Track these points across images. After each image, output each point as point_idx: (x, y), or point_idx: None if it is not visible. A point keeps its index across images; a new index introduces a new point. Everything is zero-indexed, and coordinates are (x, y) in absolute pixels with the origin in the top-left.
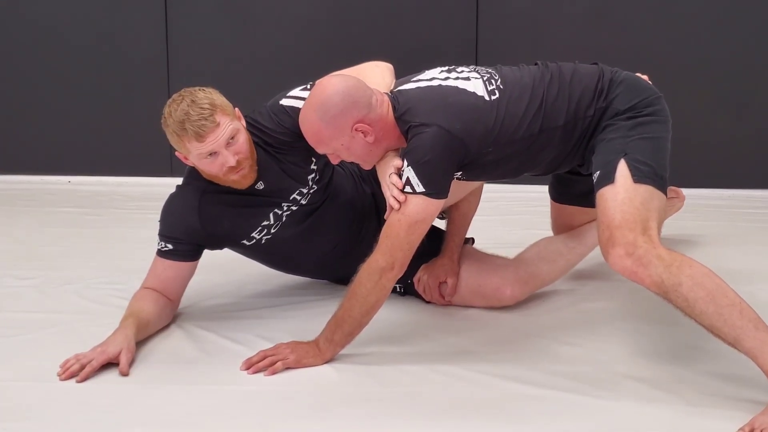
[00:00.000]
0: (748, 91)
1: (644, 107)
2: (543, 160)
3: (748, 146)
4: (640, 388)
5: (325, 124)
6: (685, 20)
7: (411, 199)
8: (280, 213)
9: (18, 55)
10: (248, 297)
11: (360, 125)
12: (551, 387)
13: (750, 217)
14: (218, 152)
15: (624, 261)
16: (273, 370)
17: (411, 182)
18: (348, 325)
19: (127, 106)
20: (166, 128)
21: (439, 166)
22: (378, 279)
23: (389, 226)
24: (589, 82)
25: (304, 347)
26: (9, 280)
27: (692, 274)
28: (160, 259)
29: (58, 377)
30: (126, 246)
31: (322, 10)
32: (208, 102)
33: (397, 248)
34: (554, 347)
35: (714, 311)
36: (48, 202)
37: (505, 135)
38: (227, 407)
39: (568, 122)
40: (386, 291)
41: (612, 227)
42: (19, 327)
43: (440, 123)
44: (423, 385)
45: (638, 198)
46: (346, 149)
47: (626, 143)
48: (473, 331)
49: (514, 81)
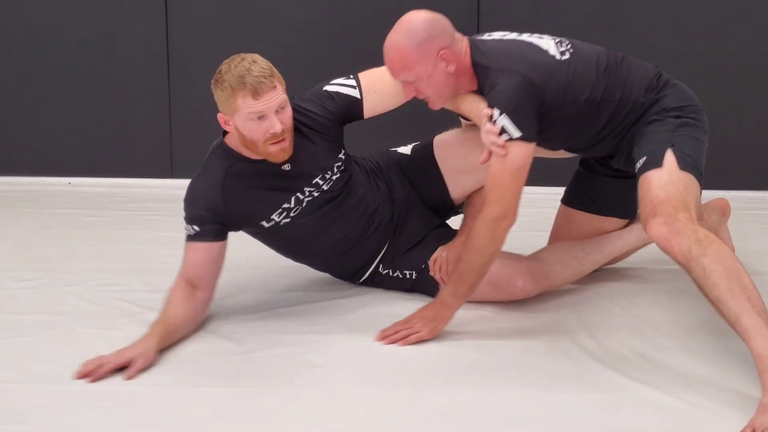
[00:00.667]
0: (749, 92)
1: (691, 112)
2: (593, 131)
3: (749, 147)
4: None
5: (413, 48)
6: (688, 21)
7: (510, 147)
8: (302, 198)
9: (18, 55)
10: (252, 297)
11: (444, 52)
12: (554, 390)
13: (752, 218)
14: (267, 116)
15: (661, 228)
16: (406, 341)
17: (507, 129)
18: (471, 277)
19: (127, 107)
20: (219, 84)
21: (527, 111)
22: (494, 229)
23: (494, 178)
24: (647, 73)
25: (431, 314)
26: (9, 281)
27: (718, 251)
28: (190, 245)
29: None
30: (127, 248)
31: (323, 10)
32: (267, 65)
33: (507, 197)
34: (559, 349)
35: (725, 285)
36: (48, 204)
37: (573, 94)
38: (229, 409)
39: (621, 100)
40: (502, 240)
41: (656, 203)
42: (19, 329)
43: (522, 71)
44: (424, 388)
45: (682, 183)
46: (428, 77)
47: (673, 136)
48: (477, 331)
49: (582, 48)
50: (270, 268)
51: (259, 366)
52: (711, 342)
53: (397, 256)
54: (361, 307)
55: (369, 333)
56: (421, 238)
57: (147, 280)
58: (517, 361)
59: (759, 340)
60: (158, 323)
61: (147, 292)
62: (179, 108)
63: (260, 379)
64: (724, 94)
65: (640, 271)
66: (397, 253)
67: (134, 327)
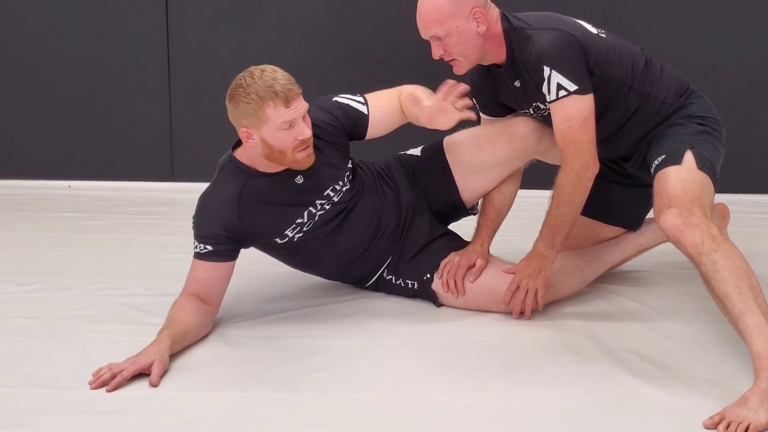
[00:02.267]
0: (753, 95)
1: (714, 123)
2: (617, 122)
3: (754, 151)
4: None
5: (448, 2)
6: (693, 24)
7: (569, 102)
8: (314, 212)
9: (17, 58)
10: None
11: (478, 10)
12: (559, 393)
13: (756, 222)
14: (296, 123)
15: (675, 219)
16: (536, 305)
17: (562, 85)
18: (565, 228)
19: (127, 110)
20: (244, 97)
21: (578, 63)
22: (578, 180)
23: (564, 136)
24: (678, 80)
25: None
26: (9, 286)
27: (730, 249)
28: (199, 262)
29: (89, 385)
30: (127, 251)
31: (325, 15)
32: (286, 73)
33: (582, 149)
34: (563, 352)
35: (733, 282)
36: (48, 207)
37: (609, 68)
38: (231, 414)
39: (652, 96)
40: (588, 190)
41: (671, 195)
42: (19, 333)
43: (563, 28)
44: (428, 392)
45: (699, 181)
46: (458, 34)
47: (694, 139)
48: (480, 335)
49: (617, 37)
50: (270, 273)
51: (261, 370)
52: (717, 345)
53: (402, 262)
54: (363, 312)
55: (371, 337)
56: (425, 245)
57: (148, 284)
58: (521, 365)
59: (760, 339)
60: (166, 329)
61: (148, 296)
62: (180, 111)
63: (262, 383)
64: (729, 98)
65: (644, 273)
66: (401, 259)
67: (135, 331)
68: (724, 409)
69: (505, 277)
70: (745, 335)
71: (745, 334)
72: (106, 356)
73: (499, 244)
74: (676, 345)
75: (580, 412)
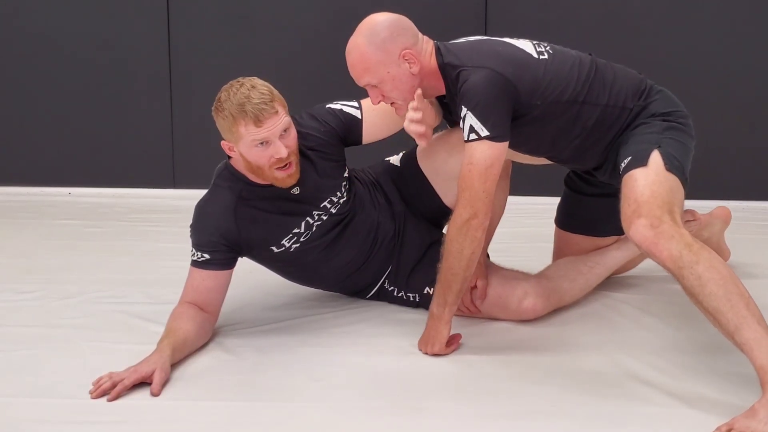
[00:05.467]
0: (761, 100)
1: (678, 117)
2: (577, 137)
3: (761, 157)
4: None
5: (374, 48)
6: (697, 29)
7: (477, 147)
8: (312, 222)
9: (18, 65)
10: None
11: (407, 52)
12: (564, 403)
13: (765, 230)
14: (271, 142)
15: (646, 231)
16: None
17: (474, 128)
18: (455, 283)
19: (128, 117)
20: (220, 112)
21: (497, 108)
22: (466, 230)
23: (463, 179)
24: (633, 80)
25: (427, 335)
26: (8, 294)
27: (710, 258)
28: (197, 270)
29: (90, 395)
30: (128, 259)
31: (327, 18)
32: (267, 89)
33: (476, 198)
34: (567, 364)
35: (723, 295)
36: (48, 214)
37: (553, 92)
38: (231, 423)
39: (609, 105)
40: (478, 241)
41: (640, 201)
42: (19, 342)
43: (492, 66)
44: (429, 401)
45: (668, 183)
46: (392, 79)
47: (660, 138)
48: (482, 345)
49: (562, 52)
50: (272, 281)
51: (262, 379)
52: (725, 354)
53: (401, 273)
54: (365, 321)
55: (372, 346)
56: (423, 253)
57: (148, 292)
58: (526, 375)
59: (761, 352)
60: (165, 338)
61: (148, 304)
62: (181, 117)
63: (263, 392)
64: (736, 103)
65: (650, 280)
66: (400, 269)
67: (136, 339)
68: (732, 419)
69: (509, 282)
70: (745, 349)
71: (745, 348)
72: (106, 365)
73: (502, 251)
74: (684, 354)
75: (586, 421)
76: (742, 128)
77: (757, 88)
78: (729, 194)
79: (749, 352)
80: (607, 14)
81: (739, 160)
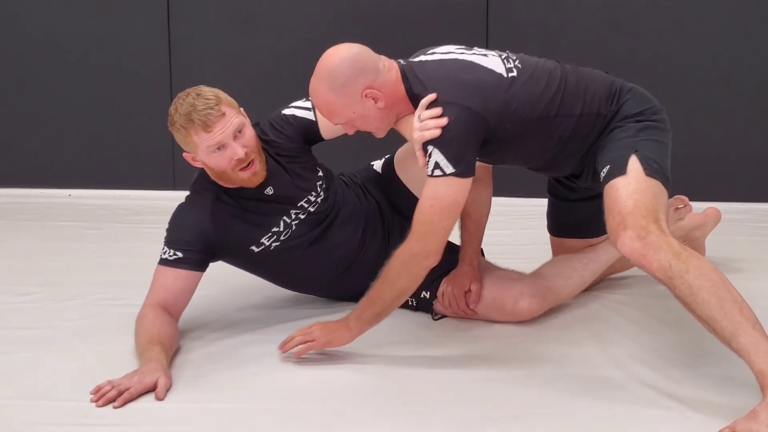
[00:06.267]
0: (764, 101)
1: (651, 114)
2: (552, 147)
3: (764, 159)
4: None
5: (335, 94)
6: (698, 32)
7: (441, 183)
8: (289, 221)
9: (18, 66)
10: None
11: (370, 91)
12: (564, 406)
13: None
14: (226, 144)
15: (634, 243)
16: (299, 353)
17: (440, 165)
18: (378, 306)
19: (128, 118)
20: (173, 126)
21: (464, 144)
22: (411, 263)
23: (422, 212)
24: (603, 83)
25: (333, 327)
26: (8, 296)
27: (699, 265)
28: (168, 269)
29: (94, 403)
30: (128, 261)
31: (329, 18)
32: (212, 94)
33: (432, 234)
34: (568, 366)
35: (716, 302)
36: (48, 216)
37: (523, 112)
38: (232, 426)
39: (583, 114)
40: (419, 278)
41: (624, 213)
42: (19, 344)
43: (458, 101)
44: (433, 404)
45: (650, 190)
46: (360, 117)
47: (636, 141)
48: (484, 347)
49: (531, 65)
50: (271, 284)
51: (263, 382)
52: (726, 356)
53: None
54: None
55: (373, 348)
56: None
57: None
58: (526, 377)
59: (758, 356)
60: (156, 345)
61: None
62: None
63: (264, 395)
64: (740, 105)
65: (652, 282)
66: None
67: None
68: (734, 422)
69: (504, 283)
70: (742, 355)
71: (743, 354)
72: (106, 367)
73: (506, 253)
74: (686, 356)
75: (588, 424)
76: (744, 129)
77: (758, 88)
78: (729, 195)
79: (747, 358)
80: (609, 16)
81: (740, 160)
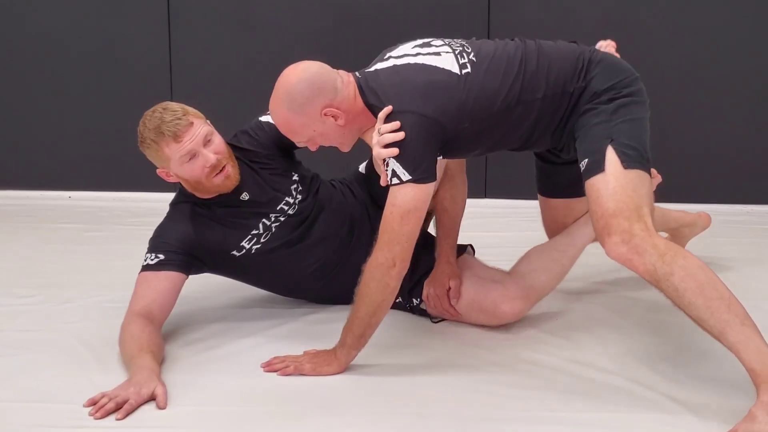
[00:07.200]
0: (766, 103)
1: (622, 88)
2: (521, 134)
3: (765, 161)
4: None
5: (294, 114)
6: (699, 29)
7: (399, 190)
8: (269, 223)
9: (18, 67)
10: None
11: (328, 110)
12: (567, 410)
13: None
14: (197, 152)
15: (620, 248)
16: (284, 371)
17: (396, 173)
18: (357, 327)
19: (128, 120)
20: (143, 143)
21: (420, 151)
22: (381, 277)
23: (384, 221)
24: (568, 59)
25: (322, 356)
26: (8, 298)
27: (685, 265)
28: (150, 273)
29: (92, 416)
30: (128, 263)
31: (327, 18)
32: (179, 107)
33: (395, 242)
34: (571, 370)
35: (702, 303)
36: (48, 218)
37: (481, 109)
38: (235, 429)
39: (547, 96)
40: (391, 289)
41: (607, 216)
42: (19, 346)
43: (413, 108)
44: (434, 406)
45: (630, 185)
46: (321, 135)
47: (611, 128)
48: (483, 349)
49: (488, 54)
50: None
51: (266, 385)
52: (729, 358)
53: None
54: None
55: (377, 350)
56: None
57: None
58: (529, 381)
59: (748, 353)
60: (147, 353)
61: None
62: None
63: (267, 398)
64: (741, 106)
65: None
66: None
67: None
68: (736, 426)
69: (483, 285)
70: (732, 351)
71: (733, 350)
72: (107, 370)
73: (510, 257)
74: (689, 359)
75: (590, 426)
76: (745, 131)
77: (761, 89)
78: (730, 197)
79: (737, 355)
80: (610, 14)
81: (741, 162)
